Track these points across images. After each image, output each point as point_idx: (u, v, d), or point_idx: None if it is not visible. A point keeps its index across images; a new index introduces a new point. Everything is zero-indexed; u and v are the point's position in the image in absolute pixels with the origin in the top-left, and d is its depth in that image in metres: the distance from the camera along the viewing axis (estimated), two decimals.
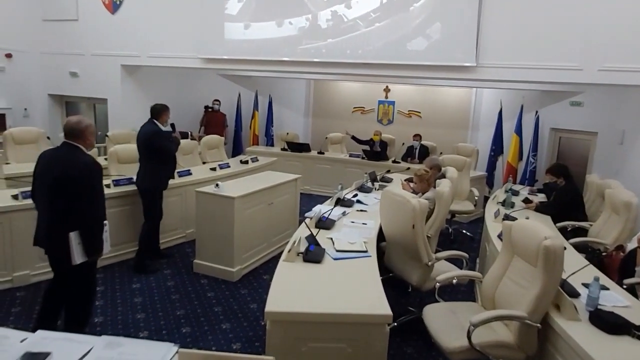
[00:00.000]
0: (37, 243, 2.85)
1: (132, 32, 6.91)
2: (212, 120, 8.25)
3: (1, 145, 5.54)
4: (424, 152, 7.44)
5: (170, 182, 4.65)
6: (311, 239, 2.99)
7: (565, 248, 2.71)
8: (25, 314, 3.37)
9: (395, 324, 3.34)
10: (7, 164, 5.19)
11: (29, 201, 3.71)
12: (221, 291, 3.94)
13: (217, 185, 4.21)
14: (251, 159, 6.49)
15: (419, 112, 9.12)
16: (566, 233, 4.12)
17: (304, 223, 3.38)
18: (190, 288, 3.97)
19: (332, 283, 2.52)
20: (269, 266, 4.37)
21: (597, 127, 6.21)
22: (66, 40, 7.43)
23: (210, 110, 8.33)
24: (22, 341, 1.53)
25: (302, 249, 2.85)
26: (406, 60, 5.65)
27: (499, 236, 3.44)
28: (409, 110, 9.20)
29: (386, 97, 9.34)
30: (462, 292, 4.05)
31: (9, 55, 7.23)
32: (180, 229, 5.03)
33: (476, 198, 5.86)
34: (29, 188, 3.83)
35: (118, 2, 7.00)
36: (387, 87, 9.26)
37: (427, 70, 5.62)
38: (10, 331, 1.59)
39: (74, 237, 2.63)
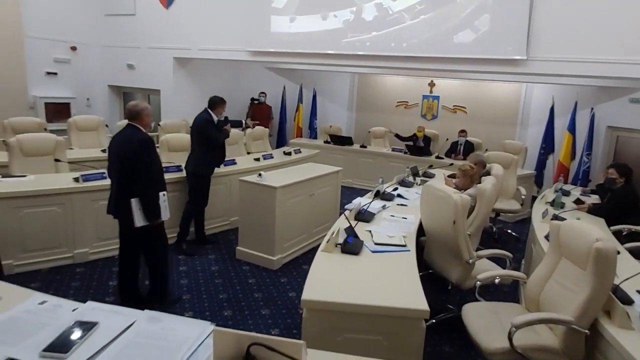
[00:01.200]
0: (109, 211, 3.27)
1: (184, 26, 7.19)
2: (258, 112, 8.45)
3: (66, 132, 5.95)
4: (469, 148, 7.25)
5: (216, 171, 4.82)
6: (350, 231, 2.99)
7: (618, 252, 2.57)
8: (84, 288, 3.65)
9: (434, 320, 3.30)
10: (71, 149, 5.58)
11: (89, 183, 4.03)
12: (262, 278, 4.06)
13: (260, 175, 4.32)
14: (294, 150, 6.59)
15: (465, 108, 8.87)
16: (621, 237, 3.89)
17: (343, 215, 3.40)
18: (232, 273, 4.12)
19: (369, 275, 2.52)
20: (309, 257, 4.45)
21: None
22: (124, 34, 7.87)
23: (256, 102, 8.53)
24: (73, 310, 1.66)
25: (341, 240, 2.87)
26: (452, 54, 5.51)
27: (546, 237, 3.30)
28: (454, 105, 8.97)
29: (431, 91, 9.15)
30: (505, 293, 3.94)
31: (74, 48, 7.75)
32: (225, 217, 5.21)
33: (523, 197, 5.64)
34: (90, 171, 4.15)
35: None
36: (431, 81, 9.07)
37: (475, 63, 5.46)
38: (63, 301, 1.73)
39: (134, 203, 3.05)
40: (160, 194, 3.18)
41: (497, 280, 2.86)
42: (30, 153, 4.49)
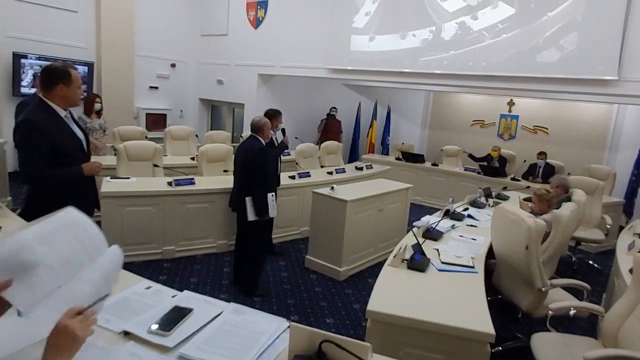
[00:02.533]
0: (230, 205, 3.99)
1: (269, 45, 7.71)
2: (329, 127, 8.74)
3: (162, 140, 6.65)
4: (549, 171, 6.88)
5: (290, 182, 5.12)
6: (417, 248, 3.03)
7: None
8: (169, 282, 4.05)
9: (500, 348, 3.22)
10: (165, 155, 6.22)
11: (180, 188, 4.49)
12: (328, 288, 4.22)
13: (332, 188, 4.50)
14: (366, 166, 6.73)
15: (546, 128, 8.44)
16: None
17: (411, 231, 3.44)
18: (300, 281, 4.33)
19: (435, 293, 2.54)
20: (374, 270, 4.53)
21: None
22: (216, 52, 8.64)
23: (331, 117, 8.83)
24: (172, 297, 1.93)
25: (407, 256, 2.91)
26: (534, 73, 5.34)
27: (630, 270, 3.11)
28: (534, 126, 8.57)
29: (509, 110, 8.83)
30: (581, 327, 3.73)
31: (173, 65, 8.70)
32: (296, 226, 5.47)
33: (608, 227, 5.25)
34: (181, 177, 4.63)
35: (260, 18, 7.87)
36: (511, 100, 8.75)
37: (559, 83, 5.24)
38: (164, 288, 2.02)
39: (248, 200, 3.69)
40: (269, 194, 3.74)
41: (571, 312, 2.74)
42: (133, 158, 5.09)
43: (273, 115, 4.60)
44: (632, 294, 2.52)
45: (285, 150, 4.92)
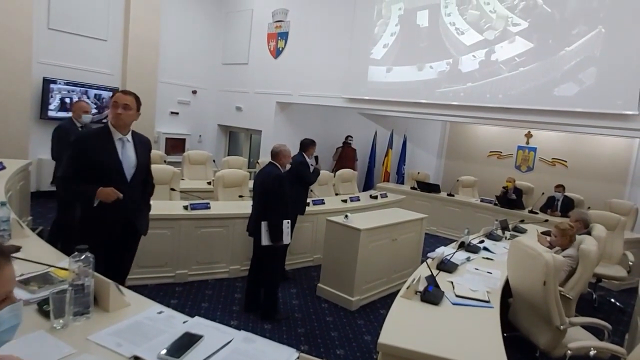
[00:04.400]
0: (248, 229, 3.97)
1: (288, 74, 7.92)
2: (346, 154, 8.82)
3: (180, 164, 6.79)
4: (568, 204, 6.75)
5: (306, 209, 5.14)
6: (431, 280, 2.99)
7: None
8: (180, 305, 4.05)
9: None
10: (182, 179, 6.33)
11: (195, 212, 4.54)
12: (339, 317, 4.16)
13: (346, 216, 4.51)
14: (381, 194, 6.72)
15: (565, 161, 8.36)
16: None
17: (425, 262, 3.40)
18: (311, 309, 4.28)
19: (448, 327, 2.48)
20: (387, 301, 4.46)
21: None
22: (236, 80, 8.90)
23: (347, 145, 8.91)
24: (184, 322, 1.92)
25: (421, 287, 2.87)
26: (552, 106, 5.36)
27: None
28: (552, 158, 8.50)
29: (527, 142, 8.80)
30: None
31: (194, 92, 8.98)
32: (309, 253, 5.46)
33: (630, 263, 5.09)
34: (197, 201, 4.69)
35: (280, 49, 8.11)
36: (528, 132, 8.73)
37: (577, 117, 5.23)
38: (176, 313, 2.03)
39: (264, 225, 3.73)
40: (285, 221, 3.76)
41: (591, 353, 2.67)
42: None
43: (309, 144, 4.92)
44: None
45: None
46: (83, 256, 1.85)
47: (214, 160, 7.11)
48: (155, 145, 8.08)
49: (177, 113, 8.72)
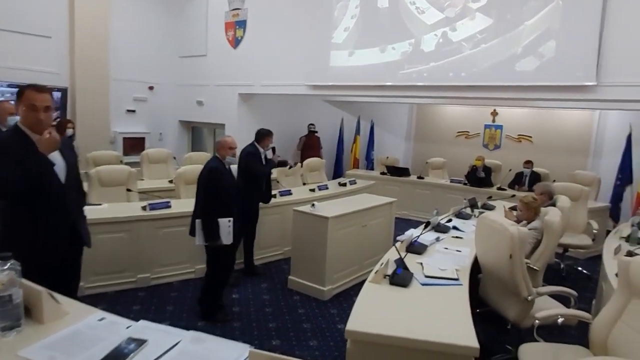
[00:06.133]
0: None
1: (249, 64, 7.68)
2: (311, 143, 8.67)
3: (139, 164, 6.50)
4: (536, 179, 6.84)
5: (271, 200, 5.01)
6: (399, 262, 2.95)
7: None
8: (144, 310, 3.86)
9: None
10: (142, 179, 6.07)
11: (155, 212, 4.33)
12: (311, 309, 4.07)
13: (313, 205, 4.40)
14: (350, 181, 6.64)
15: (530, 137, 8.47)
16: None
17: (394, 246, 3.35)
18: (283, 303, 4.17)
19: (418, 309, 2.46)
20: (360, 288, 4.32)
21: None
22: (196, 73, 8.58)
23: (311, 133, 8.74)
24: (127, 327, 1.78)
25: (390, 271, 2.83)
26: (515, 82, 5.34)
27: (617, 274, 3.02)
28: (518, 135, 8.61)
29: (493, 120, 8.88)
30: (572, 335, 3.60)
31: (151, 88, 8.61)
32: (279, 246, 5.33)
33: (595, 232, 5.19)
34: (156, 201, 4.48)
35: (239, 38, 7.87)
36: (494, 110, 8.80)
37: (539, 91, 5.25)
38: (119, 318, 1.87)
39: (197, 223, 3.48)
40: (226, 219, 3.47)
41: (559, 320, 2.67)
42: (106, 183, 4.94)
43: (265, 135, 4.68)
44: (619, 299, 2.44)
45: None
46: (8, 264, 1.66)
47: (174, 157, 6.84)
48: (112, 146, 7.71)
49: (133, 111, 8.33)
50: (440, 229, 4.11)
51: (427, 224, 4.10)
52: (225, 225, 3.48)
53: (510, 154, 8.33)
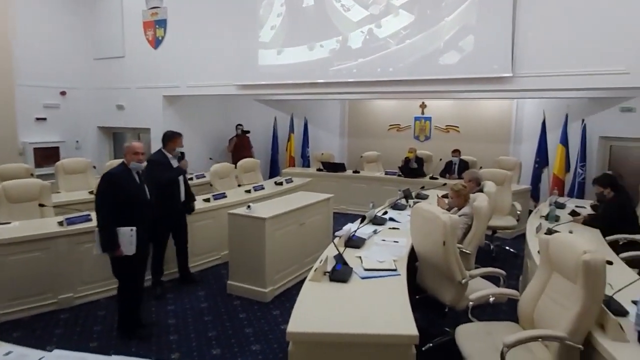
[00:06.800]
0: None
1: (173, 65, 7.33)
2: (241, 143, 8.41)
3: (54, 176, 5.93)
4: (464, 167, 7.19)
5: (205, 205, 4.82)
6: (339, 258, 2.94)
7: (611, 262, 2.50)
8: (67, 334, 3.52)
9: (431, 344, 3.23)
10: (58, 192, 5.54)
11: (73, 227, 3.96)
12: (253, 312, 3.94)
13: (248, 206, 4.28)
14: (286, 180, 6.56)
15: (457, 127, 8.91)
16: (618, 247, 3.80)
17: (332, 242, 3.32)
18: (222, 309, 4.00)
19: (358, 303, 2.45)
20: (301, 287, 4.32)
21: None
22: (114, 76, 8.02)
23: (246, 133, 8.51)
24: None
25: (329, 268, 2.80)
26: (439, 75, 5.58)
27: (539, 251, 3.22)
28: (446, 125, 9.02)
29: (422, 113, 9.23)
30: (504, 312, 3.80)
31: (63, 93, 7.89)
32: (216, 252, 5.12)
33: (519, 213, 5.55)
34: (74, 214, 4.10)
35: (160, 38, 7.47)
36: (423, 103, 9.15)
37: (462, 83, 5.52)
38: (29, 350, 1.67)
39: (95, 232, 3.26)
40: (127, 229, 3.21)
41: (491, 299, 2.79)
42: (15, 199, 4.46)
43: (170, 137, 4.25)
44: (542, 274, 2.60)
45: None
46: None
47: (94, 167, 6.32)
48: (21, 158, 6.98)
49: (44, 119, 7.56)
50: (377, 221, 4.17)
51: (364, 217, 4.12)
52: (127, 235, 3.22)
53: (440, 144, 8.69)
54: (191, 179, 5.93)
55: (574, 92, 6.08)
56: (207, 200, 5.08)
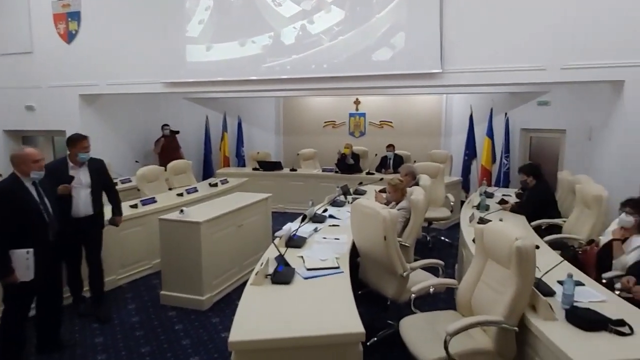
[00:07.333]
0: None
1: (90, 61, 6.74)
2: (169, 144, 7.91)
3: None
4: (399, 161, 7.39)
5: (132, 211, 4.50)
6: (280, 259, 2.86)
7: (538, 247, 2.64)
8: None
9: (375, 339, 3.25)
10: None
11: None
12: (190, 322, 3.72)
13: (181, 211, 4.04)
14: (221, 181, 6.32)
15: (391, 122, 9.14)
16: (541, 231, 4.08)
17: (272, 243, 3.22)
18: (156, 322, 3.73)
19: (302, 304, 2.39)
20: (242, 291, 4.14)
21: (565, 124, 6.26)
22: (21, 74, 7.20)
23: (175, 134, 8.04)
24: None
25: (271, 270, 2.71)
26: (372, 71, 5.64)
27: (474, 240, 3.35)
28: (380, 121, 9.22)
29: (357, 109, 9.36)
30: (443, 300, 3.92)
31: None
32: (146, 260, 4.78)
33: (452, 204, 5.80)
34: None
35: (74, 32, 6.84)
36: (357, 99, 9.28)
37: (394, 79, 5.62)
38: None
39: None
40: (23, 251, 2.82)
41: (431, 290, 2.85)
42: None
43: (73, 141, 3.64)
44: (477, 262, 2.69)
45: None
46: None
47: (0, 175, 5.63)
48: None
49: None
50: (317, 219, 4.13)
51: (304, 216, 4.06)
52: (22, 258, 2.82)
53: (375, 140, 8.85)
54: (116, 184, 5.46)
55: (497, 87, 6.46)
56: (135, 206, 4.71)
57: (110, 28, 6.63)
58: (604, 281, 2.75)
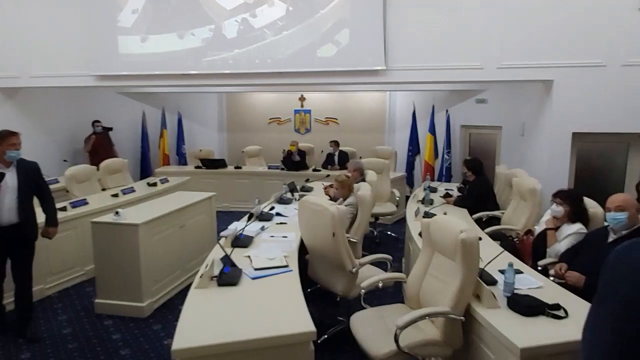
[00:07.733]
0: None
1: (9, 51, 6.09)
2: (101, 142, 7.28)
3: None
4: (344, 158, 7.43)
5: (61, 215, 4.10)
6: (226, 260, 2.76)
7: (480, 238, 2.73)
8: None
9: (326, 336, 3.23)
10: None
11: None
12: (129, 331, 3.48)
13: (117, 212, 3.76)
14: (160, 180, 6.01)
15: (336, 119, 9.19)
16: (482, 223, 4.26)
17: (218, 243, 3.10)
18: (91, 333, 3.46)
19: (251, 306, 2.31)
20: (185, 295, 3.95)
21: (501, 121, 6.61)
22: None
23: (105, 131, 7.47)
24: None
25: (216, 272, 2.61)
26: (317, 67, 5.59)
27: (420, 234, 3.42)
28: (326, 118, 9.24)
29: (302, 106, 9.31)
30: (391, 294, 3.98)
31: None
32: (78, 267, 4.42)
33: (397, 199, 5.92)
34: None
35: None
36: (302, 95, 9.23)
37: (339, 75, 5.62)
38: None
39: None
40: None
41: (380, 285, 2.87)
42: None
43: (3, 137, 3.25)
44: (424, 256, 2.74)
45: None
46: None
47: None
48: None
49: None
50: (264, 217, 4.04)
51: (251, 215, 3.95)
52: None
53: (321, 136, 8.85)
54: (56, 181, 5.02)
55: (439, 85, 6.68)
56: (64, 209, 4.32)
57: (29, 16, 6.02)
58: (539, 268, 2.91)
